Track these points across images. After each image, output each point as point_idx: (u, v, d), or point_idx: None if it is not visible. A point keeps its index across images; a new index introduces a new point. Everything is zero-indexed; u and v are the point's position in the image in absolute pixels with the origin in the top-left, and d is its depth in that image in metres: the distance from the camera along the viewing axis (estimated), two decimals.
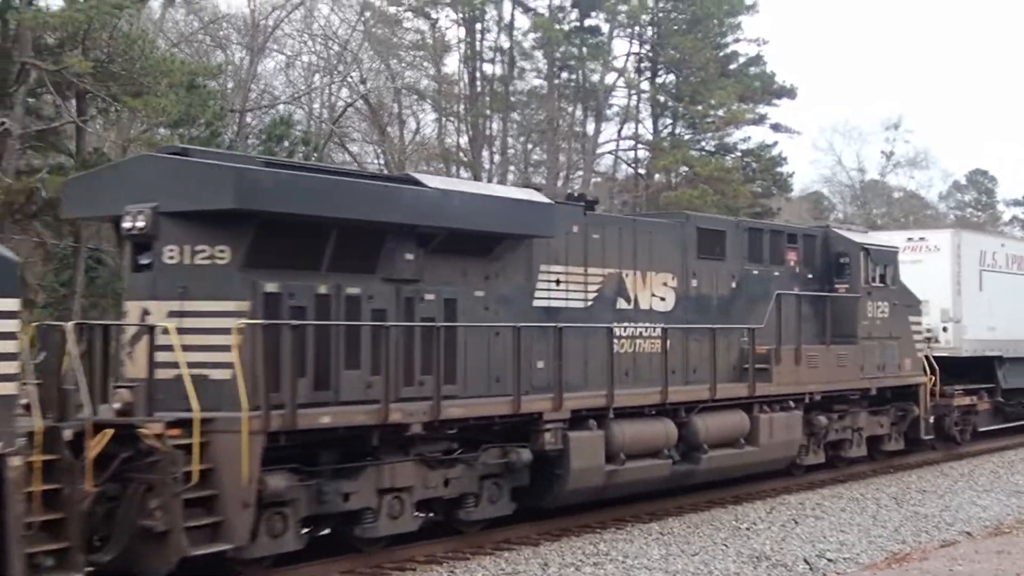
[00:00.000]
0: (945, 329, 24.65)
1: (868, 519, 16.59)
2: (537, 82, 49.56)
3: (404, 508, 12.74)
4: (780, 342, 18.27)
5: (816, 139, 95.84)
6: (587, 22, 48.42)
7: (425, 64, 48.40)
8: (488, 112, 47.15)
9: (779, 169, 50.41)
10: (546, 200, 14.41)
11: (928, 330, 24.54)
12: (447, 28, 47.95)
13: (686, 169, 46.82)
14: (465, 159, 46.71)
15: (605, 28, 48.48)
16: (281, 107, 42.16)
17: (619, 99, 49.50)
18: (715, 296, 17.99)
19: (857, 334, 20.35)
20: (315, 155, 35.71)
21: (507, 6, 47.48)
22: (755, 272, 18.86)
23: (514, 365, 13.69)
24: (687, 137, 49.75)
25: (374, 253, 12.69)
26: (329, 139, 42.12)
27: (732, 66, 49.80)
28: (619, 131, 50.15)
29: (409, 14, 48.14)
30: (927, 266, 24.92)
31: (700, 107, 47.65)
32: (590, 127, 49.24)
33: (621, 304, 16.16)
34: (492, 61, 47.80)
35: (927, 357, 23.28)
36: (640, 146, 50.47)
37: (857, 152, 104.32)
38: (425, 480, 12.99)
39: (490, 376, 13.99)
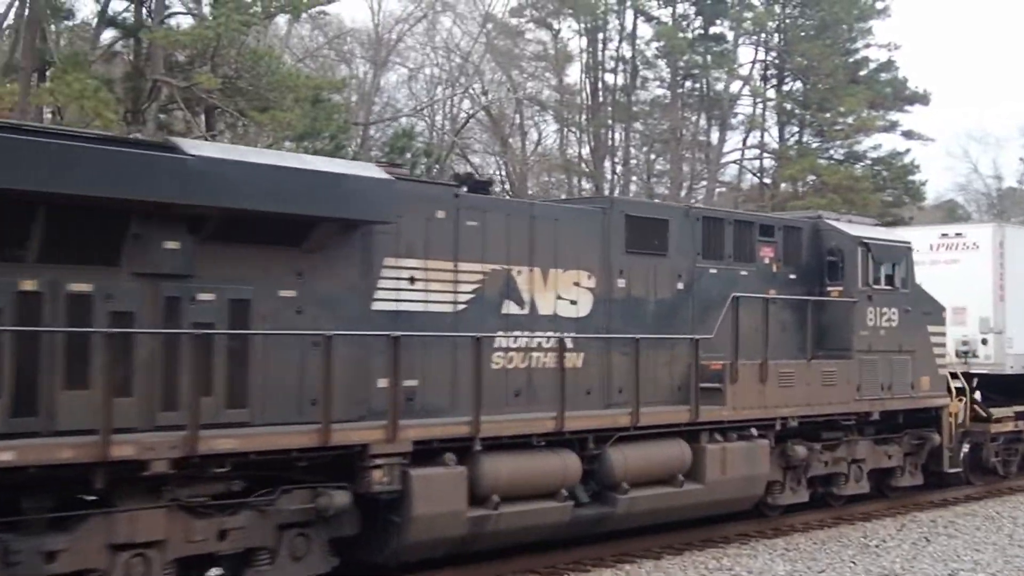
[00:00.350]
0: (984, 341, 20.90)
1: (1004, 538, 15.92)
2: (660, 91, 49.48)
3: (151, 569, 9.84)
4: (737, 356, 14.96)
5: (949, 145, 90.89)
6: (711, 30, 47.86)
7: (547, 75, 49.50)
8: (610, 122, 47.24)
9: (911, 177, 48.33)
10: (378, 175, 11.38)
11: (964, 343, 20.91)
12: (569, 38, 48.56)
13: (813, 178, 45.90)
14: (587, 170, 46.80)
15: (730, 36, 48.06)
16: (404, 119, 42.94)
17: (744, 107, 49.15)
18: (652, 300, 14.77)
19: (852, 346, 16.90)
20: (437, 167, 35.89)
21: (629, 15, 47.44)
22: (712, 271, 15.58)
23: (324, 383, 10.70)
24: (815, 145, 48.59)
25: (114, 240, 9.86)
26: (451, 151, 42.90)
27: (862, 72, 48.36)
28: (744, 140, 49.73)
29: (531, 25, 48.97)
30: (964, 267, 21.24)
31: (828, 115, 46.75)
32: (714, 136, 49.16)
33: (510, 308, 13.08)
34: (614, 71, 47.97)
35: (958, 375, 19.72)
36: (766, 155, 49.80)
37: (993, 159, 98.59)
38: (187, 532, 10.09)
39: (303, 398, 11.03)
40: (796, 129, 49.59)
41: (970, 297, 20.95)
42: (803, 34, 47.52)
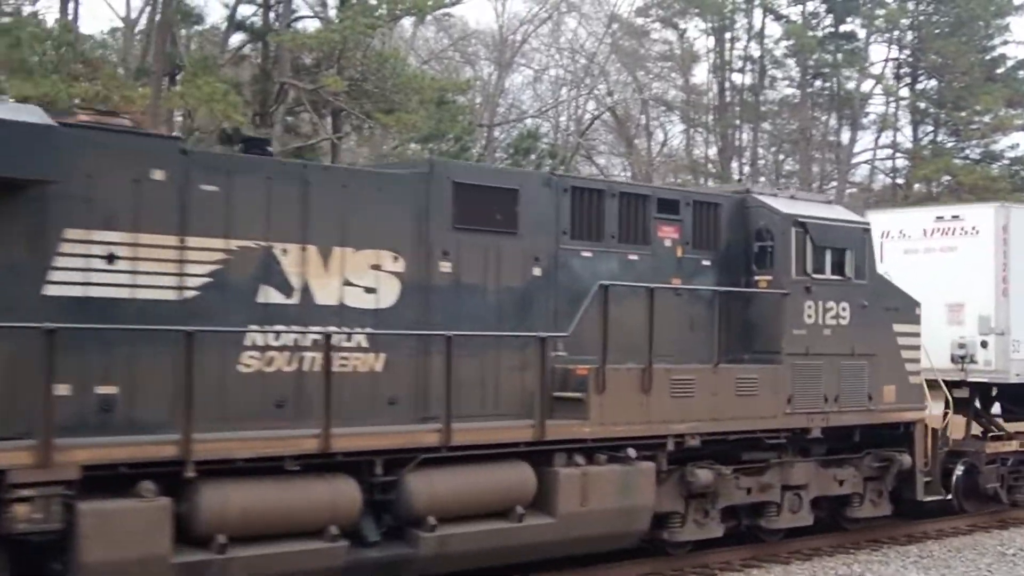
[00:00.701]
0: (984, 344, 17.53)
1: None
2: (789, 91, 48.32)
3: None
4: (605, 359, 12.03)
5: None
6: (842, 28, 46.37)
7: (673, 75, 48.52)
8: (738, 122, 46.45)
9: None
10: (25, 118, 8.76)
11: (961, 346, 17.60)
12: (695, 38, 47.81)
13: (948, 178, 44.33)
14: (714, 170, 46.03)
15: (862, 34, 46.45)
16: (528, 121, 43.63)
17: (876, 107, 47.60)
18: (494, 289, 11.92)
19: (781, 348, 13.83)
20: (562, 168, 35.71)
21: (758, 14, 46.30)
22: (586, 254, 12.69)
23: None
24: (949, 145, 46.79)
25: None
26: (576, 152, 43.09)
27: (999, 70, 46.21)
28: (876, 140, 48.17)
29: (657, 25, 48.20)
30: (962, 255, 17.90)
31: (964, 113, 45.18)
32: (845, 136, 47.90)
33: (270, 296, 10.37)
34: (742, 70, 47.03)
35: (939, 383, 16.50)
36: (898, 155, 48.23)
37: None
38: None
39: None
40: (930, 128, 47.92)
41: (968, 291, 17.66)
42: (938, 31, 45.68)
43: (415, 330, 11.12)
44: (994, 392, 18.82)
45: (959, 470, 17.30)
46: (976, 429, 18.89)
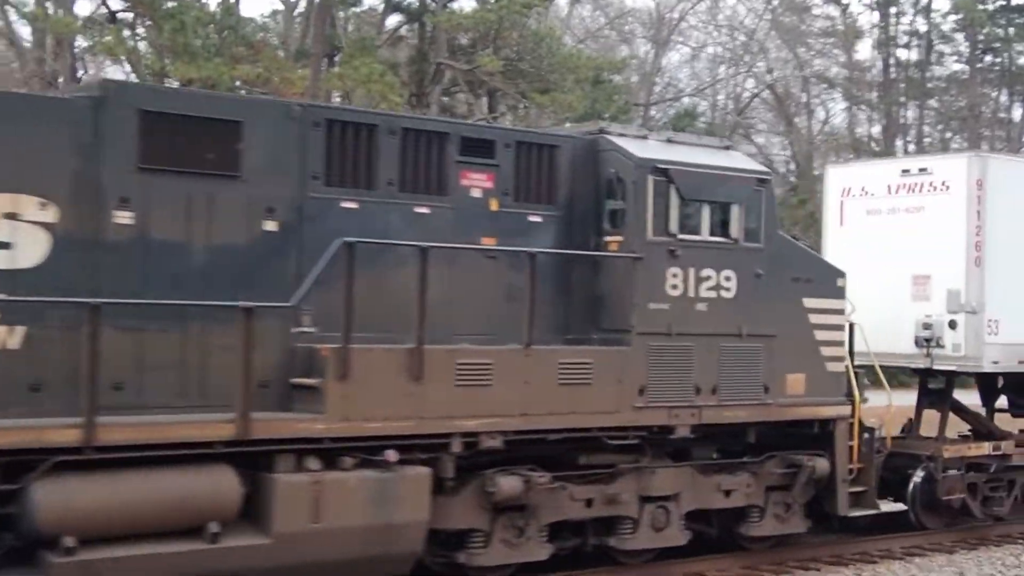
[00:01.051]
0: (952, 324, 14.39)
1: None
2: (957, 66, 47.79)
3: None
4: (349, 336, 9.43)
5: None
6: (1014, 1, 45.35)
7: (835, 51, 48.05)
8: (903, 99, 45.73)
9: None
10: None
11: (927, 326, 14.53)
12: (859, 13, 49.14)
13: None
14: (877, 149, 45.17)
15: None
16: (685, 99, 43.62)
17: None
18: (201, 247, 9.39)
19: (631, 326, 11.03)
20: None
21: None
22: (348, 205, 10.09)
23: None
24: None
25: None
26: (734, 131, 42.23)
27: None
28: None
29: (818, 0, 48.05)
30: (929, 216, 14.81)
31: None
32: (1016, 113, 47.58)
33: None
34: (907, 46, 46.54)
35: (880, 370, 13.56)
36: None
37: None
38: None
39: None
40: None
41: (936, 260, 14.58)
42: None
43: (76, 297, 8.68)
44: (1000, 383, 15.74)
45: (917, 477, 14.25)
46: (964, 428, 15.87)
